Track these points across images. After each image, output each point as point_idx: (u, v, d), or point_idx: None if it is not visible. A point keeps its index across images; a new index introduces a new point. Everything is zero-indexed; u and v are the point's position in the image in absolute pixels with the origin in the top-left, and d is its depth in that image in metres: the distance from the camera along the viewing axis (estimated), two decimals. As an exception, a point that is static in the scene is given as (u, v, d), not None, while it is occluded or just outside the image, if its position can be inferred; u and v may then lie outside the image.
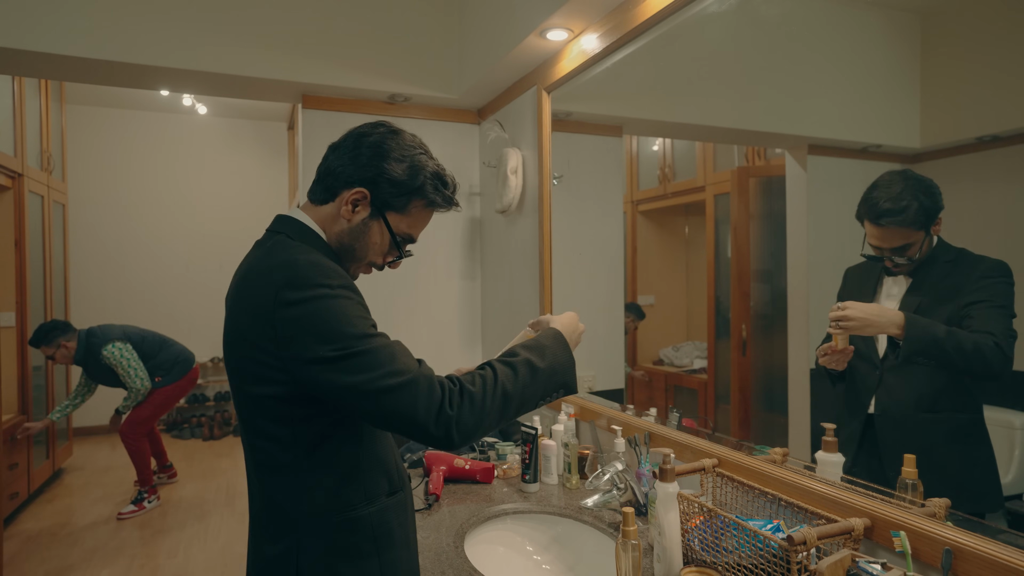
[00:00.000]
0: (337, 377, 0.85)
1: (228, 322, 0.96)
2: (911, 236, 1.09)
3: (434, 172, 1.02)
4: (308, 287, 0.87)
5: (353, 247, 1.01)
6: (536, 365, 0.96)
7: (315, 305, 0.86)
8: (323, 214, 1.01)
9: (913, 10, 1.11)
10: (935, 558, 0.90)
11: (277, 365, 0.88)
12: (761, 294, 1.49)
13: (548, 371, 0.97)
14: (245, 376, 0.93)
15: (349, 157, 1.00)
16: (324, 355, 0.85)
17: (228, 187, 5.92)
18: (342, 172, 1.00)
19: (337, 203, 1.00)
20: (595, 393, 2.01)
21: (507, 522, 1.57)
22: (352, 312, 0.89)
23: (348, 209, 0.99)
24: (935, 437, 1.07)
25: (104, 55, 2.09)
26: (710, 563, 1.12)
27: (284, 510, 0.95)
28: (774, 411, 1.43)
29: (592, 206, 2.09)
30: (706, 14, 1.47)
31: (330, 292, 0.88)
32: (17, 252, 3.74)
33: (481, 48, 2.33)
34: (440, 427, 0.86)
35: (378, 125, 1.04)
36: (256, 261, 0.95)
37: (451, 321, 2.81)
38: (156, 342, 3.90)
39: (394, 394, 0.85)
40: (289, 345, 0.86)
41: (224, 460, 4.84)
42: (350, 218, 0.99)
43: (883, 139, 1.14)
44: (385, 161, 0.98)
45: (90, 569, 3.00)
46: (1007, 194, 0.93)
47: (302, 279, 0.87)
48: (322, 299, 0.87)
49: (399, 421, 0.86)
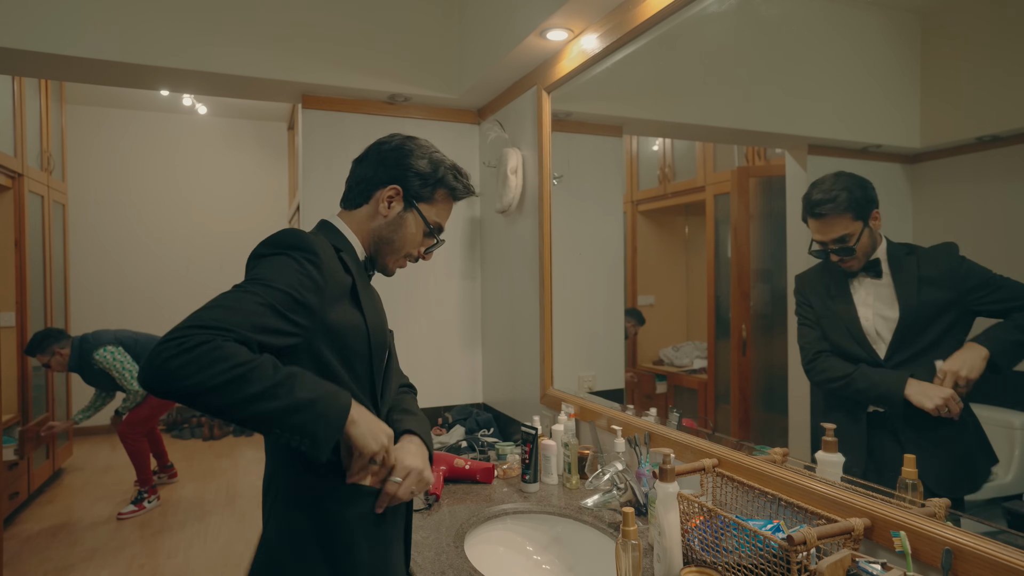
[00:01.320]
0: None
1: None
2: (849, 226, 1.15)
3: (451, 165, 1.18)
4: (273, 246, 0.97)
5: (392, 239, 1.14)
6: (300, 383, 0.84)
7: (272, 260, 0.95)
8: (360, 216, 1.14)
9: (913, 10, 1.11)
10: (935, 558, 0.90)
11: None
12: (761, 294, 1.48)
13: (304, 403, 0.83)
14: None
15: (375, 163, 1.14)
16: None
17: (228, 187, 5.92)
18: (373, 176, 1.14)
19: (373, 203, 1.14)
20: (595, 393, 2.01)
21: (507, 522, 1.57)
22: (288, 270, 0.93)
23: (385, 205, 1.12)
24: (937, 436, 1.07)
25: (104, 55, 2.09)
26: (710, 563, 1.12)
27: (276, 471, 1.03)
28: (774, 411, 1.43)
29: (592, 206, 2.09)
30: (706, 14, 1.47)
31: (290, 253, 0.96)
32: (17, 252, 3.74)
33: (481, 48, 2.33)
34: (152, 356, 0.77)
35: (394, 135, 1.18)
36: None
37: (451, 321, 2.81)
38: (149, 343, 3.89)
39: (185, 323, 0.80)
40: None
41: (224, 460, 4.83)
42: (387, 213, 1.13)
43: (883, 139, 1.14)
44: (409, 159, 1.13)
45: (90, 569, 3.00)
46: (1007, 194, 0.93)
47: (272, 240, 0.98)
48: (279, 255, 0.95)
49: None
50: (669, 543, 1.15)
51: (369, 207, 1.14)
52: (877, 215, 1.13)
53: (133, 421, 3.76)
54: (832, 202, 1.17)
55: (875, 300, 1.18)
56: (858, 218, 1.15)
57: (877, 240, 1.15)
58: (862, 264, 1.18)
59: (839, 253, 1.19)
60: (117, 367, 3.61)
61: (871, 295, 1.18)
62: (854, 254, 1.17)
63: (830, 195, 1.17)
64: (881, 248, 1.15)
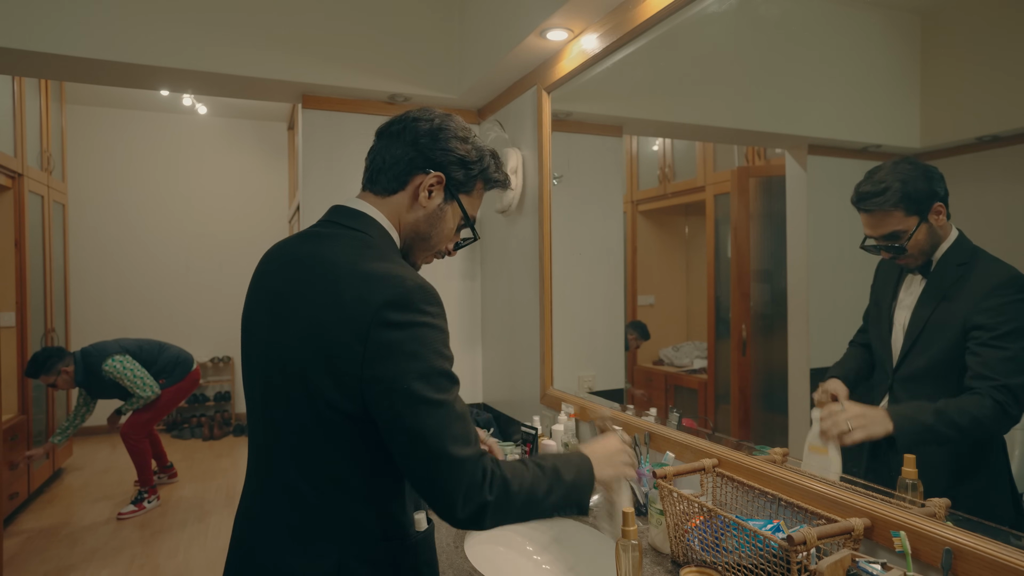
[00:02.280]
0: (411, 415, 0.81)
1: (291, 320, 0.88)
2: (901, 222, 1.02)
3: (491, 151, 1.02)
4: (412, 311, 0.82)
5: (430, 234, 0.98)
6: (562, 476, 0.93)
7: (415, 332, 0.82)
8: (394, 204, 0.97)
9: (913, 10, 1.11)
10: (935, 558, 0.90)
11: (351, 383, 0.82)
12: (761, 294, 1.48)
13: (568, 485, 0.93)
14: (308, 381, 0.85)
15: (411, 143, 0.96)
16: (410, 387, 0.81)
17: (228, 187, 5.92)
18: (412, 159, 0.96)
19: (410, 190, 0.96)
20: (595, 393, 2.01)
21: (507, 522, 1.57)
22: (444, 347, 0.85)
23: (426, 195, 0.96)
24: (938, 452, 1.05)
25: (104, 55, 2.09)
26: (710, 563, 1.12)
27: (329, 527, 0.88)
28: (774, 411, 1.43)
29: (592, 206, 2.09)
30: (706, 14, 1.47)
31: (431, 320, 0.84)
32: (17, 252, 3.74)
33: (481, 48, 2.33)
34: (468, 508, 0.82)
35: (427, 111, 0.99)
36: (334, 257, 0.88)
37: (451, 321, 2.80)
38: (153, 347, 3.90)
39: (453, 464, 0.81)
40: (374, 365, 0.81)
41: (224, 460, 4.83)
42: (427, 204, 0.96)
43: (883, 139, 1.14)
44: (454, 142, 0.96)
45: (90, 569, 3.00)
46: (1007, 194, 0.93)
47: (407, 301, 0.82)
48: (423, 327, 0.83)
49: (434, 489, 0.82)
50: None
51: (406, 195, 0.96)
52: (941, 209, 0.99)
53: (137, 423, 3.76)
54: (880, 196, 1.02)
55: (911, 303, 1.09)
56: (912, 213, 1.01)
57: (942, 236, 1.02)
58: (920, 263, 1.05)
59: (889, 251, 1.06)
60: (128, 375, 3.60)
61: (911, 296, 1.09)
62: (905, 253, 1.03)
63: (879, 187, 1.03)
64: (944, 246, 1.02)
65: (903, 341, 1.10)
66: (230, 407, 5.83)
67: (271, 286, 0.93)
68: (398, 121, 0.99)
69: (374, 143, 1.00)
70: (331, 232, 0.94)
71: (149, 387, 3.67)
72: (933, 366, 1.05)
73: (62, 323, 4.55)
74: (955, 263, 1.01)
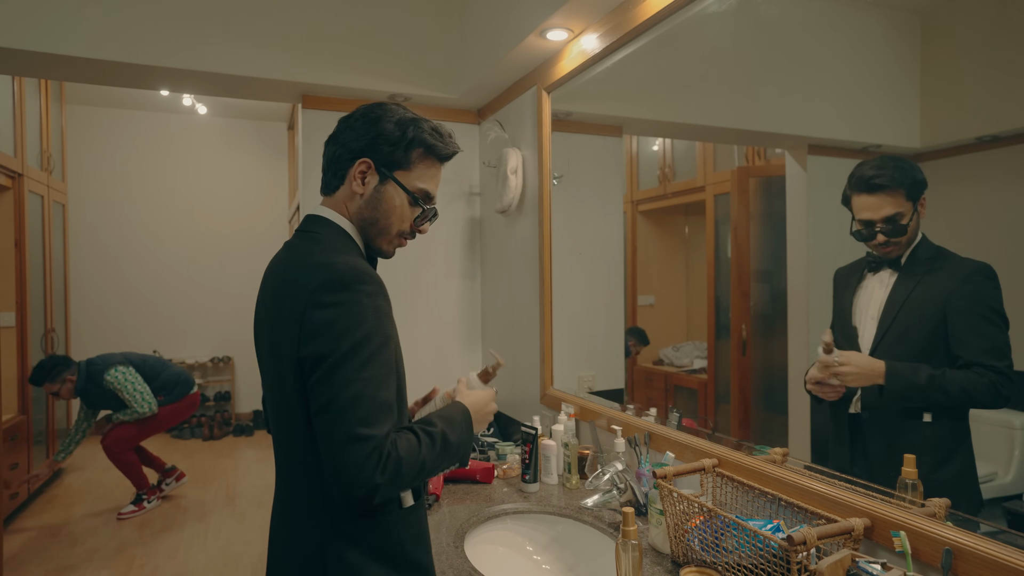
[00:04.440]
0: (327, 389, 0.86)
1: (267, 323, 0.99)
2: (902, 205, 1.09)
3: (428, 122, 1.05)
4: (344, 290, 0.89)
5: (376, 218, 1.03)
6: (449, 439, 0.98)
7: (345, 310, 0.88)
8: (339, 199, 1.04)
9: (913, 10, 1.11)
10: (935, 558, 0.90)
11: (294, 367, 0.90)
12: (761, 294, 1.48)
13: (455, 446, 0.99)
14: (281, 377, 0.95)
15: (337, 142, 1.04)
16: (334, 364, 0.86)
17: (228, 187, 5.92)
18: (342, 153, 1.03)
19: (347, 182, 1.03)
20: (595, 393, 2.01)
21: (507, 522, 1.57)
22: (378, 322, 0.91)
23: (358, 182, 1.02)
24: (916, 439, 1.07)
25: (104, 55, 2.09)
26: (710, 563, 1.12)
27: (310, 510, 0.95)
28: (774, 411, 1.43)
29: (592, 206, 2.09)
30: (706, 14, 1.47)
31: (363, 298, 0.90)
32: (17, 252, 3.74)
33: (481, 48, 2.33)
34: (362, 489, 0.86)
35: (361, 106, 1.07)
36: (291, 260, 0.99)
37: (451, 321, 2.81)
38: (157, 364, 3.86)
39: (353, 445, 0.85)
40: (307, 344, 0.88)
41: (224, 460, 4.84)
42: (362, 190, 1.02)
43: (883, 139, 1.14)
44: (376, 125, 1.02)
45: (90, 569, 3.00)
46: (1007, 194, 0.93)
47: (338, 282, 0.89)
48: (353, 305, 0.89)
49: (334, 465, 0.86)
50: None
51: (346, 188, 1.03)
52: (924, 202, 1.07)
53: (121, 437, 3.68)
54: (888, 175, 1.10)
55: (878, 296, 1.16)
56: (910, 198, 1.08)
57: (917, 228, 1.09)
58: (899, 254, 1.12)
59: (888, 234, 1.11)
60: (128, 388, 3.57)
61: (883, 287, 1.15)
62: (905, 233, 1.10)
63: (884, 170, 1.10)
64: (914, 242, 1.10)
65: (875, 331, 1.15)
66: (230, 407, 5.83)
67: (262, 295, 1.04)
68: (337, 125, 1.07)
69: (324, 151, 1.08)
70: (296, 241, 1.04)
71: (148, 403, 3.61)
72: (908, 351, 1.10)
73: (62, 323, 4.55)
74: (924, 257, 1.09)
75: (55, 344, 4.29)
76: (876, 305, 1.15)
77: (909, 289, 1.11)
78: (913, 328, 1.10)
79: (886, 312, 1.13)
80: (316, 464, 0.93)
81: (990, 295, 0.97)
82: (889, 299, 1.13)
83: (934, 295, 1.07)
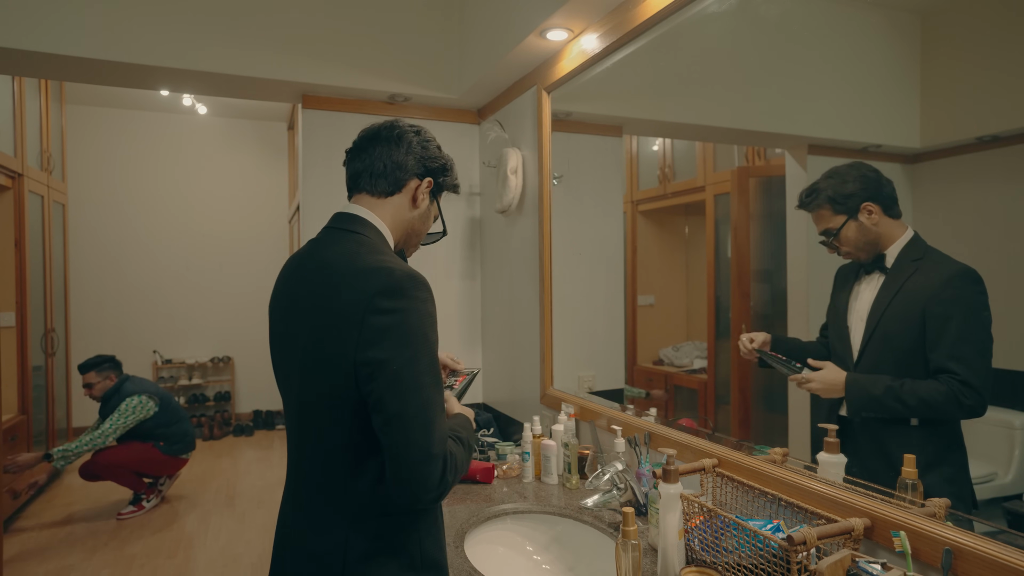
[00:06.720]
0: (396, 400, 0.89)
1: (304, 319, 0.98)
2: (830, 220, 1.18)
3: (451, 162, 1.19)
4: (402, 297, 0.92)
5: (420, 231, 1.15)
6: (471, 446, 1.07)
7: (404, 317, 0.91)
8: (392, 205, 1.09)
9: (913, 10, 1.11)
10: (935, 558, 0.90)
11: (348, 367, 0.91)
12: (761, 294, 1.48)
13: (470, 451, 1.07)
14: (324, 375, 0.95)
15: (405, 152, 1.09)
16: (399, 372, 0.89)
17: (228, 187, 5.92)
18: (409, 166, 1.09)
19: (407, 193, 1.10)
20: (595, 393, 2.01)
21: (507, 522, 1.57)
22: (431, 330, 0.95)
23: (422, 198, 1.12)
24: (904, 443, 1.08)
25: (104, 55, 2.09)
26: (710, 563, 1.12)
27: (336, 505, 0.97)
28: (774, 411, 1.43)
29: (592, 206, 2.09)
30: (706, 14, 1.47)
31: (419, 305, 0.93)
32: (17, 252, 3.74)
33: (481, 48, 2.33)
34: (438, 493, 0.91)
35: (400, 123, 1.12)
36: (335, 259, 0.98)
37: (451, 321, 2.81)
38: (176, 412, 3.83)
39: (428, 464, 0.89)
40: (368, 348, 0.90)
41: (224, 460, 4.84)
42: (421, 206, 1.12)
43: (883, 139, 1.14)
44: (436, 152, 1.13)
45: (90, 569, 3.00)
46: (1007, 194, 0.93)
47: (397, 289, 0.92)
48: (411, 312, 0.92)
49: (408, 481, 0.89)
50: (667, 544, 1.15)
51: (403, 197, 1.09)
52: (870, 208, 1.12)
53: (110, 464, 3.60)
54: (809, 197, 1.21)
55: (867, 298, 1.17)
56: (840, 212, 1.15)
57: (879, 233, 1.13)
58: (869, 257, 1.16)
59: (827, 245, 1.21)
60: (124, 415, 3.53)
61: (871, 290, 1.17)
62: (837, 249, 1.19)
63: (812, 188, 1.20)
64: (896, 245, 1.12)
65: (863, 332, 1.16)
66: (230, 407, 5.83)
67: (287, 292, 1.04)
68: (389, 128, 1.10)
69: (365, 146, 1.10)
70: (332, 237, 1.04)
71: (110, 437, 3.48)
72: (892, 354, 1.12)
73: (62, 323, 4.55)
74: (910, 259, 1.10)
75: (55, 344, 4.29)
76: (864, 306, 1.17)
77: (894, 292, 1.12)
78: (896, 331, 1.11)
79: (872, 314, 1.15)
80: (343, 462, 0.95)
81: (969, 300, 0.98)
82: (876, 301, 1.14)
83: (916, 298, 1.08)
